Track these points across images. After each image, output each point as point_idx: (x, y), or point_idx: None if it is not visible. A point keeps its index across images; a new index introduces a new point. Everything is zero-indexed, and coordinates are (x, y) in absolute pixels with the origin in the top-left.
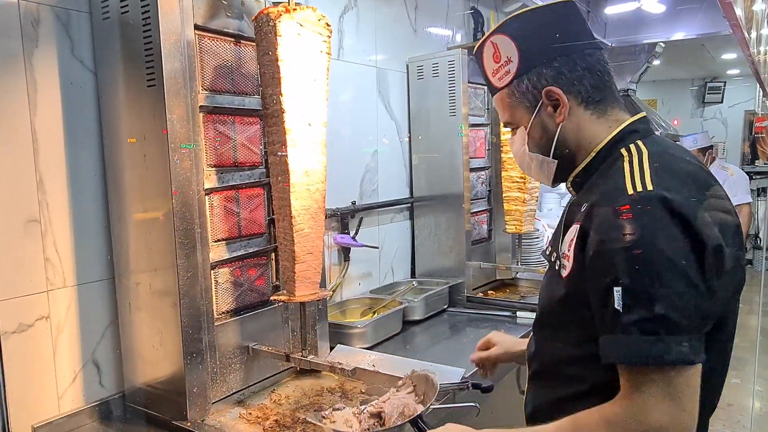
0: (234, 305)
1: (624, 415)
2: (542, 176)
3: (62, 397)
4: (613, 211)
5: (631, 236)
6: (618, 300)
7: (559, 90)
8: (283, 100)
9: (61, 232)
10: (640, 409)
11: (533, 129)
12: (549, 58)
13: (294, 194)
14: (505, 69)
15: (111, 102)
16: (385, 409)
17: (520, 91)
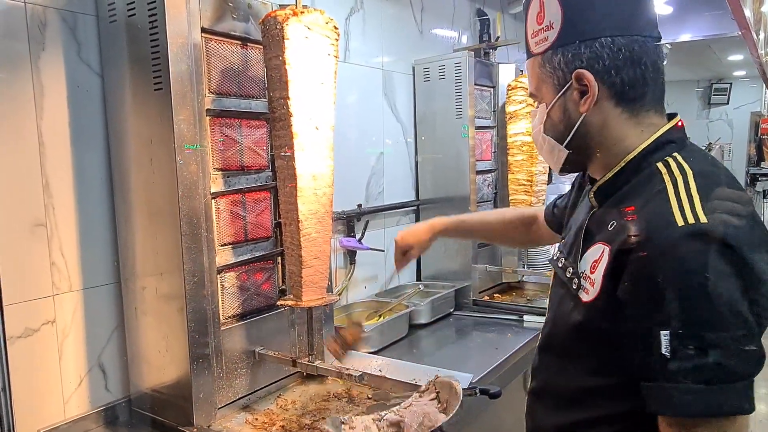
0: (240, 310)
1: None
2: (551, 161)
3: (68, 401)
4: (661, 245)
5: (683, 275)
6: (666, 345)
7: (590, 76)
8: (290, 103)
9: (67, 236)
10: None
11: (554, 110)
12: (592, 36)
13: (301, 198)
14: (544, 34)
15: (117, 105)
16: (406, 418)
17: (552, 65)
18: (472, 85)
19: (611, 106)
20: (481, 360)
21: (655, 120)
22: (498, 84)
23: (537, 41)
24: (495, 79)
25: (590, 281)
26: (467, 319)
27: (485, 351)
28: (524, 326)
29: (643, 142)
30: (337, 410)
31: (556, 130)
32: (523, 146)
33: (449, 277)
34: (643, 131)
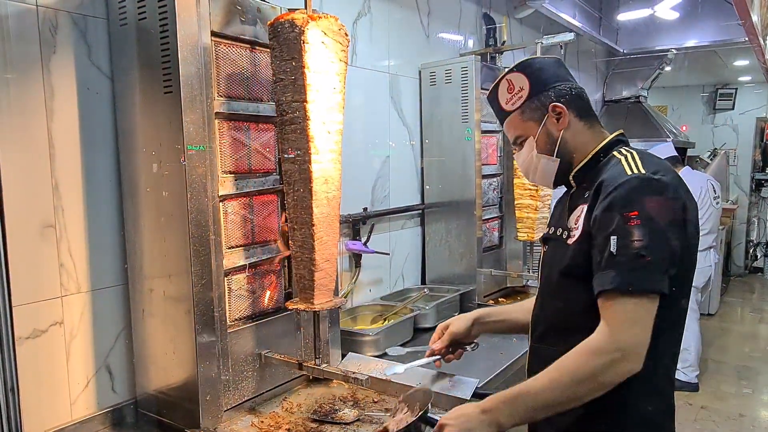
0: (247, 312)
1: (602, 339)
2: (545, 177)
3: (75, 402)
4: (615, 184)
5: (627, 200)
6: (613, 245)
7: (560, 105)
8: (308, 107)
9: (76, 238)
10: (617, 330)
11: (540, 137)
12: (552, 83)
13: (315, 201)
14: (517, 96)
15: (127, 108)
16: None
17: (530, 109)
18: (478, 90)
19: (577, 121)
20: (486, 365)
21: (601, 131)
22: None
23: (513, 102)
24: None
25: (574, 229)
26: None
27: (490, 356)
28: None
29: (602, 141)
30: (343, 413)
31: (546, 149)
32: None
33: (454, 281)
34: (597, 137)
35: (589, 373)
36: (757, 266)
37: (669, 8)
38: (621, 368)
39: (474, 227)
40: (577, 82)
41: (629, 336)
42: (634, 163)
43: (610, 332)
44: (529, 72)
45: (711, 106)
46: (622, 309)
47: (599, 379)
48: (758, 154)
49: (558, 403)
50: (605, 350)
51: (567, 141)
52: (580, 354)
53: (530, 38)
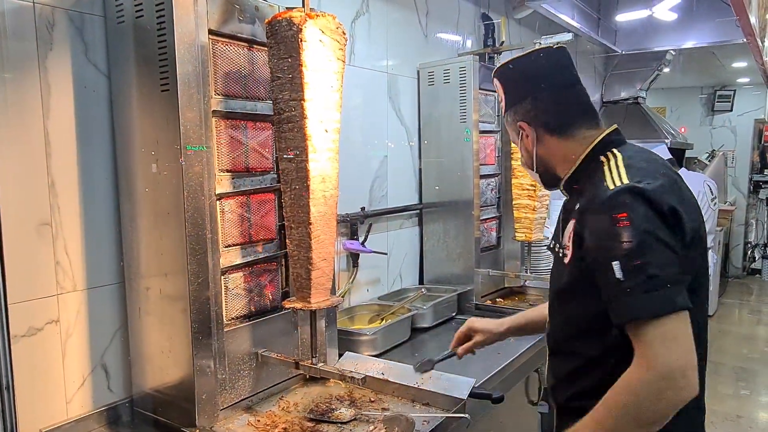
0: (244, 311)
1: (642, 371)
2: (537, 181)
3: (70, 401)
4: (598, 205)
5: (615, 220)
6: (618, 271)
7: (524, 124)
8: (306, 105)
9: (72, 236)
10: (653, 359)
11: (520, 150)
12: (521, 99)
13: (312, 200)
14: (502, 103)
15: (124, 106)
16: None
17: (508, 122)
18: (476, 90)
19: (548, 137)
20: (483, 364)
21: (589, 134)
22: None
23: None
24: None
25: (567, 248)
26: None
27: (488, 355)
28: None
29: (588, 147)
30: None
31: (526, 162)
32: None
33: (452, 281)
34: (582, 143)
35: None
36: (755, 268)
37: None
38: (673, 397)
39: (472, 227)
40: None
41: (671, 359)
42: (617, 171)
43: (647, 363)
44: (503, 81)
45: (709, 108)
46: (652, 335)
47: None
48: (756, 156)
49: None
50: (648, 382)
51: (542, 156)
52: (618, 393)
53: (529, 39)
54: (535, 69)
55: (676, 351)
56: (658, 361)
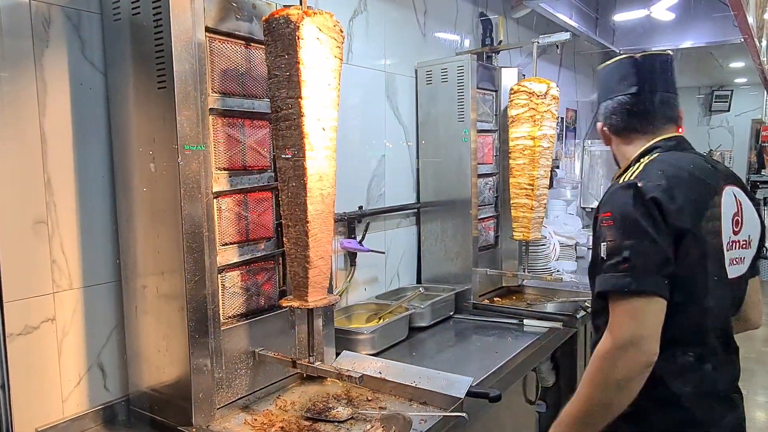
0: (241, 310)
1: (605, 341)
2: None
3: (66, 400)
4: (605, 196)
5: (610, 210)
6: (603, 251)
7: (600, 124)
8: (303, 103)
9: (68, 234)
10: (613, 329)
11: None
12: (600, 102)
13: (310, 198)
14: None
15: (121, 104)
16: None
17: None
18: (474, 89)
19: (614, 137)
20: (481, 363)
21: (643, 140)
22: (500, 88)
23: None
24: (497, 82)
25: None
26: (467, 322)
27: (485, 354)
28: (524, 330)
29: (635, 153)
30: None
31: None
32: (525, 150)
33: (450, 280)
34: (635, 147)
35: (602, 376)
36: None
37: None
38: (627, 363)
39: (470, 226)
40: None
41: (625, 331)
42: (632, 173)
43: (610, 333)
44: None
45: (707, 108)
46: (618, 309)
47: (613, 378)
48: (753, 156)
49: (592, 413)
50: (608, 350)
51: (613, 152)
52: (592, 362)
53: (527, 38)
54: (610, 76)
55: (632, 325)
56: (616, 332)
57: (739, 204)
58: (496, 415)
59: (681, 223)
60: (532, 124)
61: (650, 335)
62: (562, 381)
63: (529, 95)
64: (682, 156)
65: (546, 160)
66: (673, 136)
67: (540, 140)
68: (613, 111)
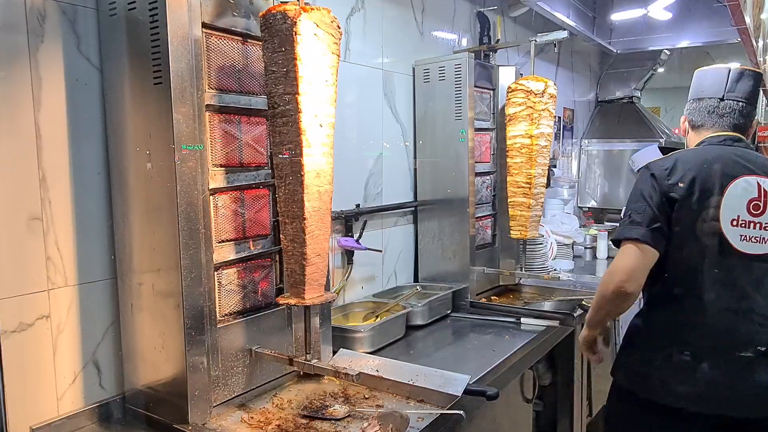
0: (237, 307)
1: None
2: None
3: (61, 398)
4: None
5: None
6: (623, 211)
7: (684, 117)
8: (300, 99)
9: (63, 231)
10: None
11: None
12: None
13: (307, 195)
14: None
15: (116, 99)
16: None
17: None
18: (471, 87)
19: (690, 129)
20: (478, 362)
21: (706, 135)
22: (498, 86)
23: None
24: (495, 81)
25: None
26: (464, 320)
27: (482, 353)
28: (522, 328)
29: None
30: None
31: None
32: (522, 149)
33: (447, 279)
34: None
35: (600, 291)
36: None
37: (662, 8)
38: (612, 286)
39: (467, 225)
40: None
41: (616, 264)
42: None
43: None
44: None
45: None
46: (619, 250)
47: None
48: None
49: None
50: (605, 273)
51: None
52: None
53: (524, 37)
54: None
55: (620, 260)
56: (613, 263)
57: (763, 192)
58: (493, 414)
59: (674, 194)
60: (530, 123)
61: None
62: (560, 379)
63: (526, 93)
64: (716, 149)
65: (543, 159)
66: (726, 134)
67: (537, 138)
68: (692, 111)
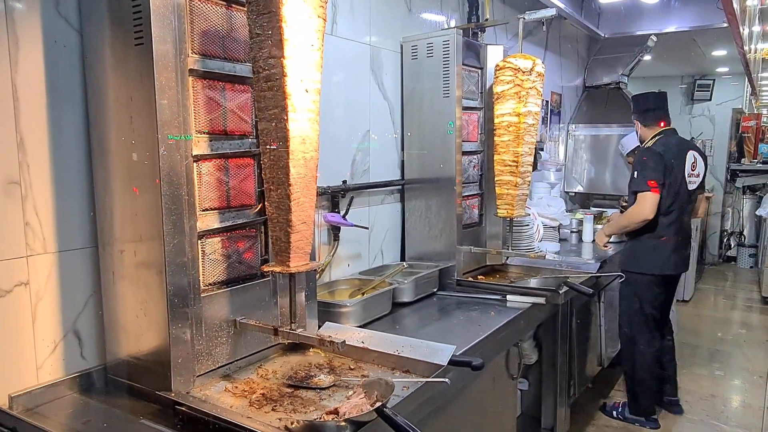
0: (222, 277)
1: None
2: None
3: (41, 367)
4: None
5: (643, 155)
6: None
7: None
8: (285, 63)
9: (42, 196)
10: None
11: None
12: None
13: (292, 161)
14: None
15: (97, 62)
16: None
17: None
18: (459, 65)
19: (642, 127)
20: (464, 336)
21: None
22: (486, 66)
23: None
24: (483, 60)
25: None
26: (451, 298)
27: (468, 328)
28: (507, 306)
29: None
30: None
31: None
32: (510, 127)
33: (434, 258)
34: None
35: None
36: (731, 255)
37: None
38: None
39: (454, 204)
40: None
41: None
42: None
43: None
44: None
45: (689, 97)
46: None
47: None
48: (733, 145)
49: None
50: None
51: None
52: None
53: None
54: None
55: (645, 202)
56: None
57: (695, 158)
58: (478, 389)
59: (668, 163)
60: (517, 101)
61: (648, 208)
62: (545, 359)
63: (514, 71)
64: (673, 137)
65: (531, 137)
66: (669, 128)
67: (525, 117)
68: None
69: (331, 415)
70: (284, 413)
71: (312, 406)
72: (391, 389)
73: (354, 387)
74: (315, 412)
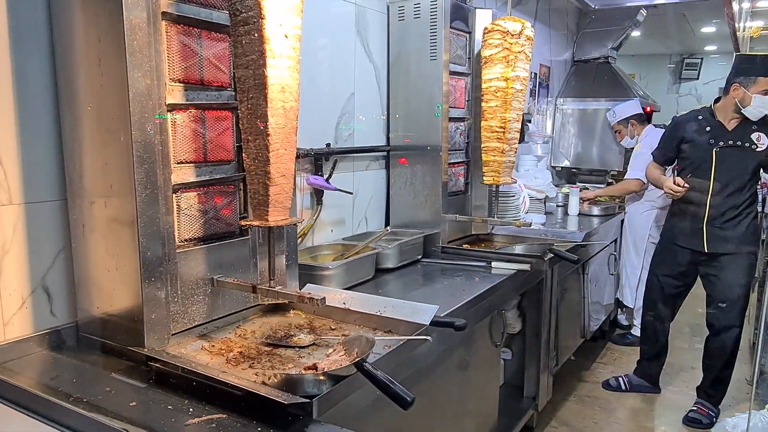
0: (198, 233)
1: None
2: None
3: (8, 323)
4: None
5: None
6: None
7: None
8: (263, 4)
9: (7, 145)
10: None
11: None
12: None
13: (271, 110)
14: None
15: (62, 1)
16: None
17: None
18: (447, 28)
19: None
20: (448, 300)
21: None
22: (474, 30)
23: None
24: (471, 24)
25: None
26: (435, 265)
27: (453, 293)
28: (492, 272)
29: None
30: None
31: None
32: (498, 92)
33: (419, 226)
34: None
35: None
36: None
37: None
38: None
39: (439, 171)
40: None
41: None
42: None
43: None
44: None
45: (677, 76)
46: None
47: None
48: None
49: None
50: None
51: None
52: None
53: None
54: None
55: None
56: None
57: None
58: (461, 354)
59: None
60: (506, 65)
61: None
62: (528, 329)
63: (503, 34)
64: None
65: (518, 103)
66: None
67: (513, 81)
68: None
69: (309, 370)
70: (262, 369)
71: (291, 363)
72: (371, 345)
73: (334, 345)
74: (294, 369)
